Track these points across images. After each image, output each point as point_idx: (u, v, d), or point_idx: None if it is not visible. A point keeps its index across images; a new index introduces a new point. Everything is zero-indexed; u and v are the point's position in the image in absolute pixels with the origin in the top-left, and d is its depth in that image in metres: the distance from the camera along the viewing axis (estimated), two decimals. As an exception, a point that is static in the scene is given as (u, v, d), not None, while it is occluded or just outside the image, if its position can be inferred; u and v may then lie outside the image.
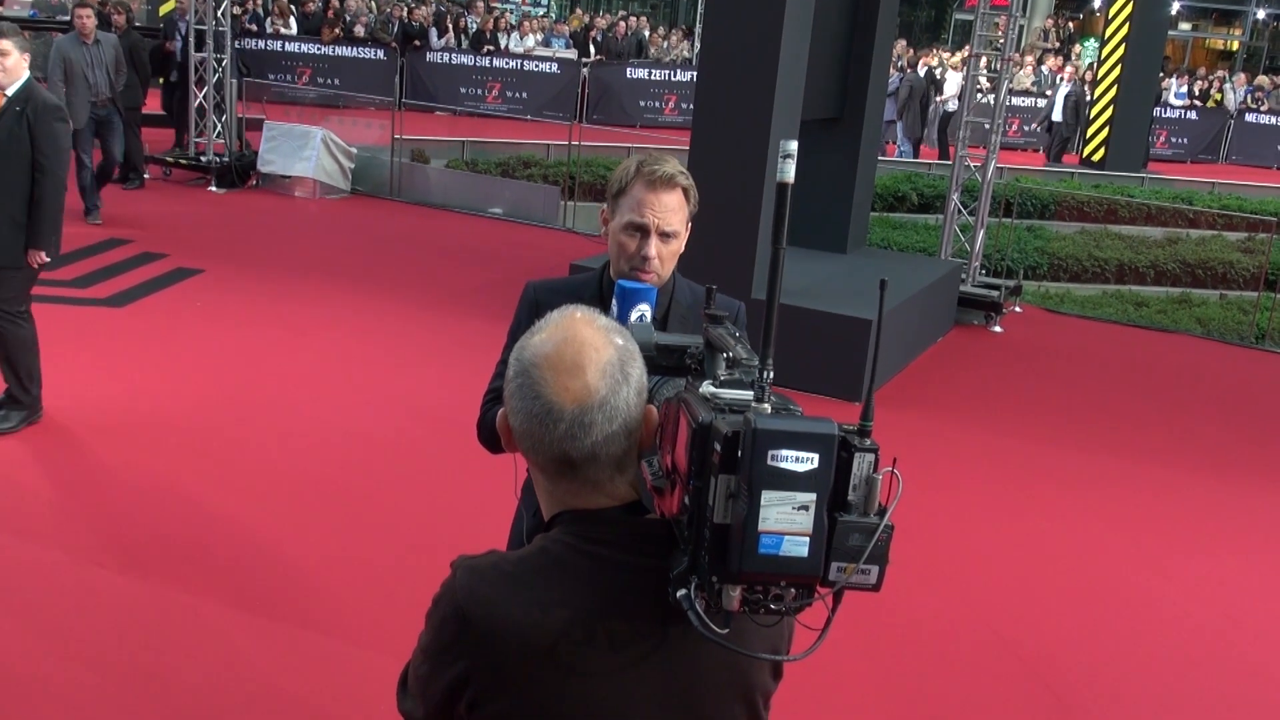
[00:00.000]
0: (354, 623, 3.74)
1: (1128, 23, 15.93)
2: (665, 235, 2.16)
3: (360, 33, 16.69)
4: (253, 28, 15.97)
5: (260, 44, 15.98)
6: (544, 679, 1.21)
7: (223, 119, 11.04)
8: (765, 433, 1.03)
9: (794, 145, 1.10)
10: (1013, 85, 13.07)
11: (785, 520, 1.03)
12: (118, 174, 9.76)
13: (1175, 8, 22.21)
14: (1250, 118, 19.80)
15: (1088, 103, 17.17)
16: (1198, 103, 19.91)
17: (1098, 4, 27.00)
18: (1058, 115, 16.64)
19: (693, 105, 7.07)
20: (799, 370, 5.97)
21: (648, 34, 19.78)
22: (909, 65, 16.55)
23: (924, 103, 16.31)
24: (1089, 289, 12.36)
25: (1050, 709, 3.71)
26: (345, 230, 9.88)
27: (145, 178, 10.50)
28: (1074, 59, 21.97)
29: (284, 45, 16.28)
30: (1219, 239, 13.77)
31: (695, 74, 10.80)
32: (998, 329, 8.52)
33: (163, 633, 3.60)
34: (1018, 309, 9.18)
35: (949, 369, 7.43)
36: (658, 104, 17.95)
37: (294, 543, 4.25)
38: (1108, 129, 16.37)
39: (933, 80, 16.54)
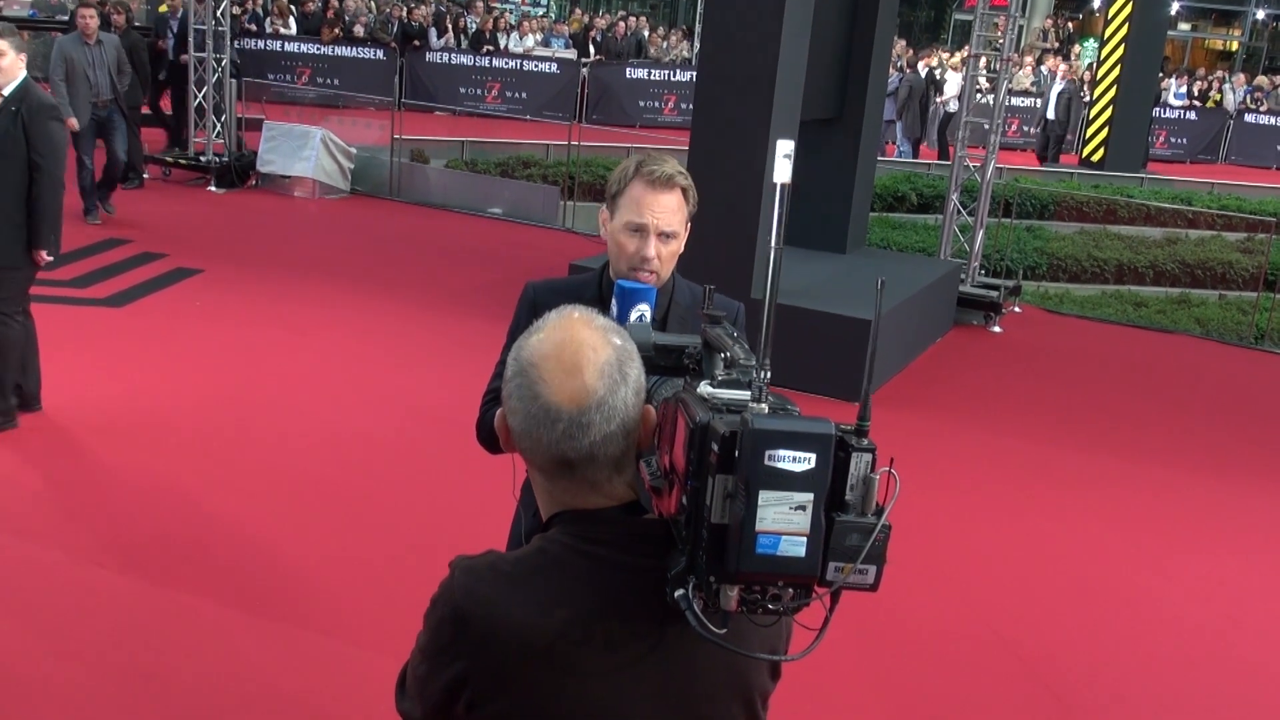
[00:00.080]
0: (353, 623, 3.74)
1: (1127, 23, 15.92)
2: (664, 235, 2.16)
3: (360, 33, 16.68)
4: (252, 28, 15.96)
5: (260, 44, 15.97)
6: (542, 679, 1.21)
7: (222, 119, 11.04)
8: (762, 433, 1.03)
9: (791, 145, 1.10)
10: (1012, 86, 13.07)
11: (782, 520, 1.03)
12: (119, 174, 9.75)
13: (1175, 8, 22.20)
14: (1249, 118, 19.79)
15: (1085, 102, 17.16)
16: (1197, 103, 19.90)
17: (1097, 4, 27.00)
18: (1051, 114, 16.62)
19: (692, 105, 7.07)
20: (798, 370, 5.97)
21: (647, 34, 19.77)
22: (909, 65, 16.53)
23: (924, 103, 16.30)
24: (1088, 289, 12.36)
25: (1050, 709, 3.71)
26: (345, 230, 9.88)
27: (145, 178, 10.50)
28: (1073, 59, 21.98)
29: (283, 45, 16.27)
30: (1218, 239, 13.77)
31: (694, 74, 10.81)
32: (997, 329, 8.53)
33: (162, 633, 3.60)
34: (1017, 309, 9.18)
35: (948, 369, 7.44)
36: (657, 104, 17.95)
37: (293, 543, 4.26)
38: (1107, 129, 16.36)
39: (933, 81, 16.53)
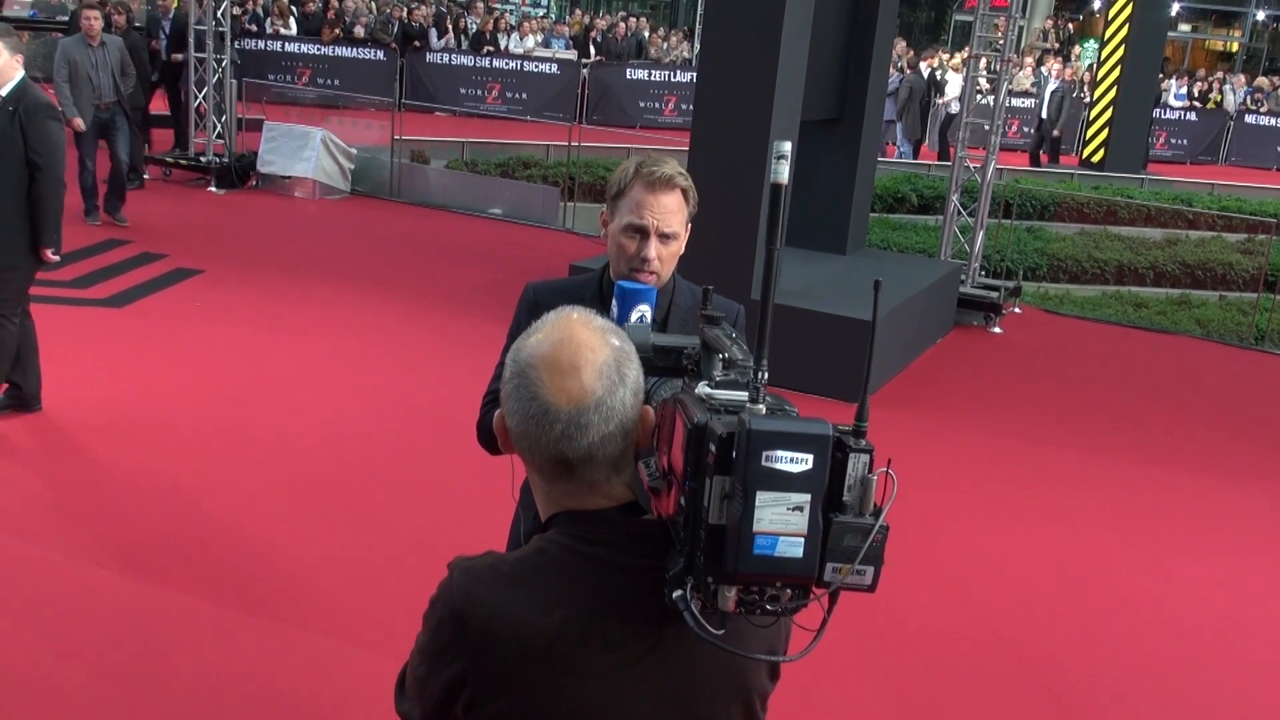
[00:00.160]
0: (353, 623, 3.74)
1: (1127, 24, 15.92)
2: (665, 237, 2.15)
3: (360, 33, 16.69)
4: (252, 28, 15.97)
5: (260, 44, 15.97)
6: (541, 680, 1.21)
7: (223, 119, 11.04)
8: (759, 433, 1.03)
9: (788, 146, 1.10)
10: (1012, 87, 13.06)
11: (780, 521, 1.03)
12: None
13: (1175, 9, 22.20)
14: (1250, 119, 19.80)
15: (1085, 103, 17.14)
16: (1197, 104, 19.90)
17: (1097, 5, 27.00)
18: (1045, 114, 16.58)
19: (692, 106, 7.07)
20: (798, 371, 5.97)
21: (647, 35, 19.78)
22: (909, 66, 16.52)
23: (924, 104, 16.29)
24: (1088, 290, 12.36)
25: (1050, 710, 3.71)
26: (345, 231, 9.88)
27: (145, 178, 10.50)
28: (1074, 59, 21.97)
29: (284, 46, 16.28)
30: (1218, 240, 13.77)
31: (695, 75, 10.81)
32: (997, 330, 8.53)
33: (162, 633, 3.60)
34: (1017, 310, 9.18)
35: (948, 370, 7.44)
36: (657, 105, 17.95)
37: (293, 543, 4.26)
38: (1107, 130, 16.37)
39: (934, 82, 16.51)
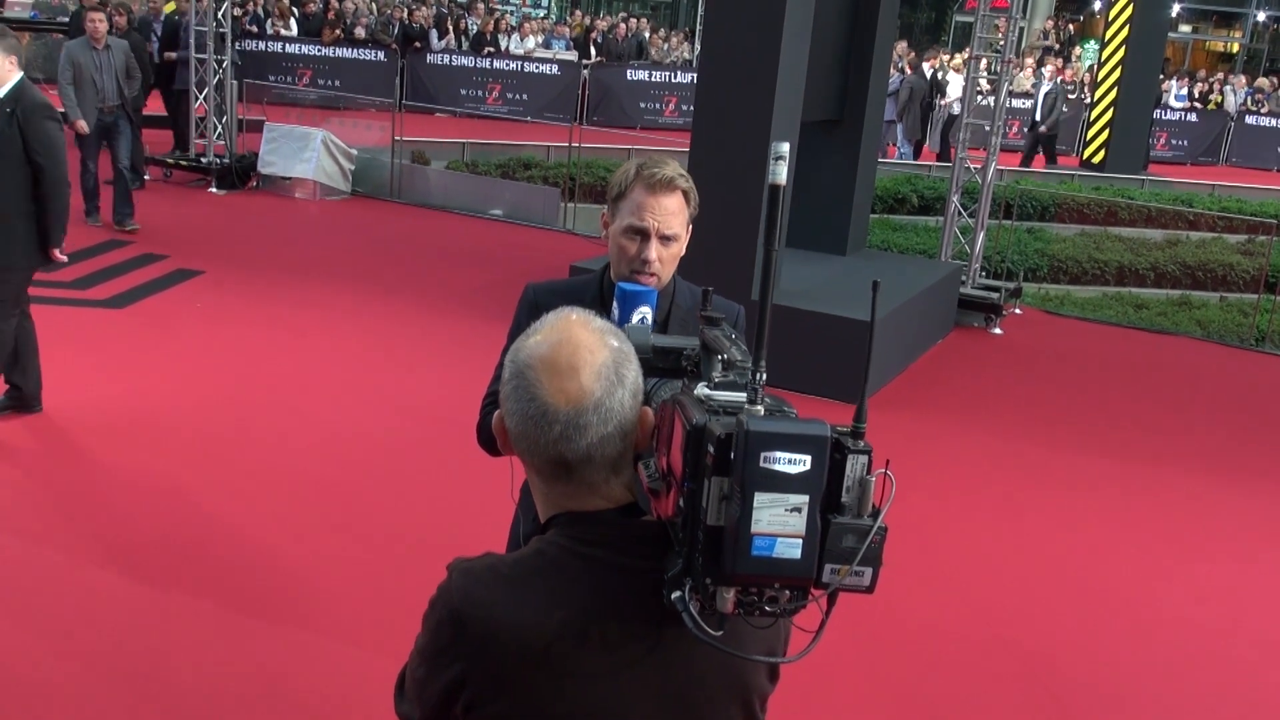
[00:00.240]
0: (353, 624, 3.74)
1: (1128, 25, 15.93)
2: (665, 239, 2.15)
3: (361, 34, 16.69)
4: (253, 29, 15.98)
5: (260, 45, 15.98)
6: (540, 681, 1.21)
7: (223, 120, 11.05)
8: (757, 434, 1.03)
9: (786, 147, 1.10)
10: (1013, 88, 13.04)
11: (778, 522, 1.03)
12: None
13: (1175, 10, 22.20)
14: (1250, 120, 19.80)
15: (1086, 104, 17.11)
16: (1198, 105, 19.90)
17: (1098, 6, 27.01)
18: (1038, 116, 16.53)
19: (693, 107, 7.07)
20: (798, 372, 5.97)
21: (648, 36, 19.79)
22: (910, 67, 16.52)
23: (924, 105, 16.28)
24: (1089, 291, 12.36)
25: (1050, 711, 3.71)
26: (345, 232, 9.88)
27: (145, 179, 10.50)
28: (1075, 60, 21.96)
29: (284, 47, 16.29)
30: (1219, 241, 13.77)
31: (695, 76, 10.81)
32: (998, 331, 8.53)
33: (162, 633, 3.60)
34: (1018, 311, 9.18)
35: (949, 371, 7.44)
36: (658, 106, 17.96)
37: (293, 543, 4.26)
38: (1108, 131, 16.37)
39: (936, 83, 16.49)
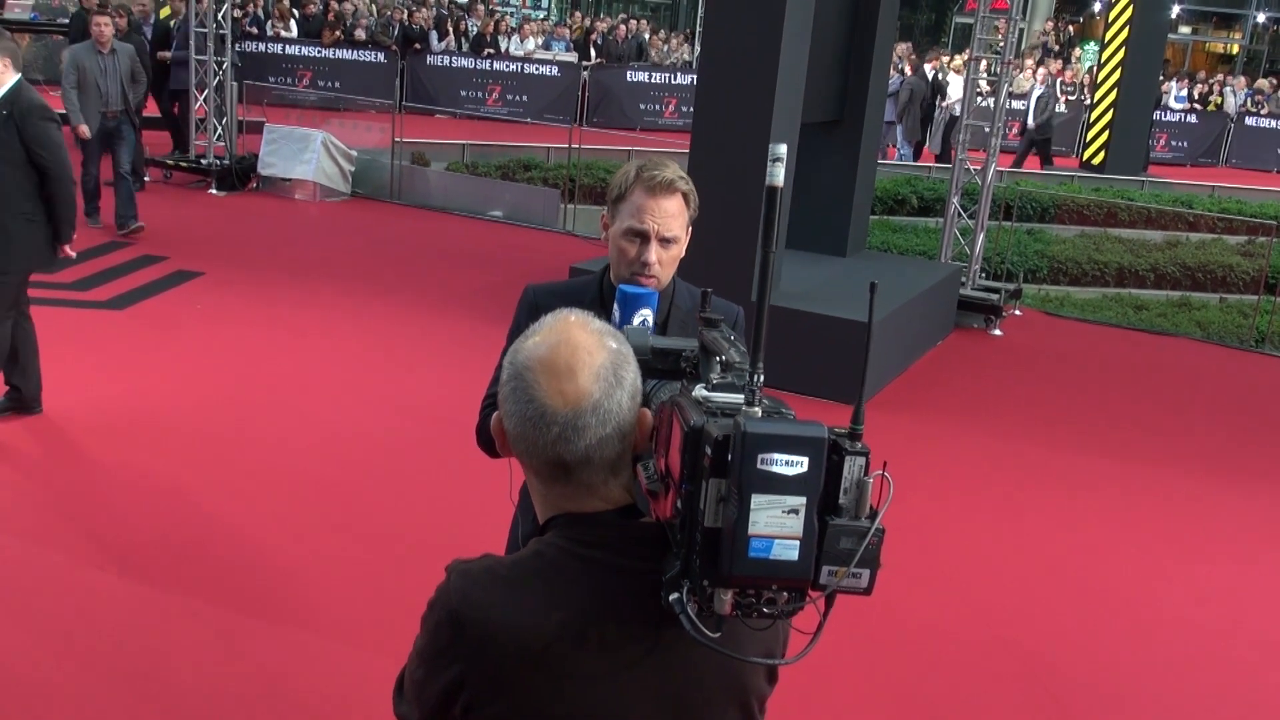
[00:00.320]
0: (353, 624, 3.74)
1: (1128, 26, 15.93)
2: (665, 241, 2.15)
3: (361, 36, 16.70)
4: (253, 30, 15.98)
5: (261, 47, 15.99)
6: (538, 682, 1.21)
7: (223, 122, 11.05)
8: (754, 436, 1.03)
9: (783, 149, 1.10)
10: (1012, 89, 13.03)
11: (775, 524, 1.03)
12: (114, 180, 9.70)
13: (1175, 11, 22.20)
14: (1250, 121, 19.80)
15: (1086, 105, 17.09)
16: (1198, 106, 19.90)
17: (1098, 7, 27.02)
18: (1030, 119, 16.46)
19: (693, 108, 7.07)
20: (798, 373, 5.98)
21: (648, 37, 19.80)
22: (910, 68, 16.51)
23: (924, 106, 16.26)
24: (1089, 292, 12.36)
25: (1050, 712, 3.71)
26: (345, 233, 9.88)
27: (146, 180, 10.50)
28: (1075, 62, 21.96)
29: (284, 48, 16.30)
30: (1219, 242, 13.76)
31: (695, 77, 10.82)
32: (997, 332, 8.53)
33: (162, 634, 3.60)
34: (1017, 312, 9.18)
35: (949, 372, 7.44)
36: (658, 107, 17.96)
37: (293, 544, 4.26)
38: (1108, 132, 16.37)
39: (937, 84, 16.46)
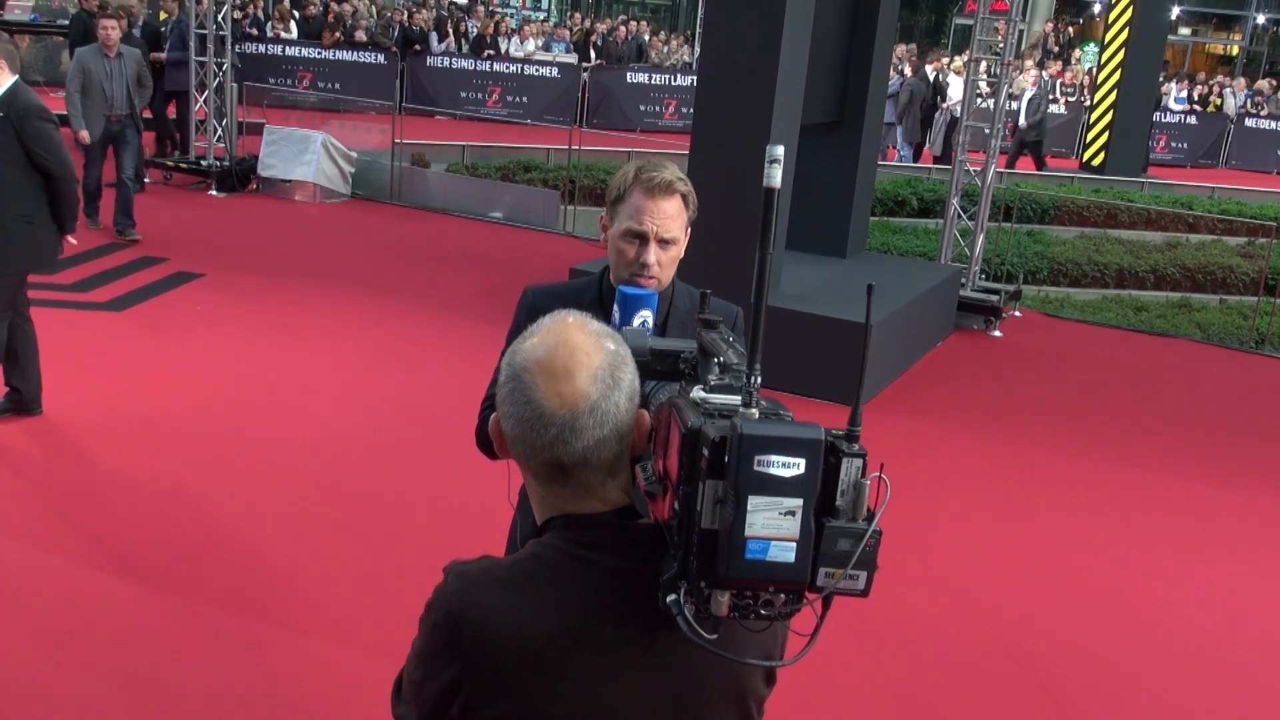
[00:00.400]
0: (353, 626, 3.74)
1: (1127, 27, 15.92)
2: (664, 242, 2.15)
3: (361, 37, 16.69)
4: (253, 32, 15.98)
5: (261, 48, 15.98)
6: (536, 683, 1.21)
7: (223, 123, 11.05)
8: (751, 438, 1.03)
9: (780, 150, 1.10)
10: (1012, 90, 13.01)
11: (772, 525, 1.03)
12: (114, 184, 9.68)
13: (1175, 12, 22.20)
14: (1250, 123, 19.79)
15: (1087, 108, 17.07)
16: (1197, 108, 19.90)
17: (1097, 9, 27.03)
18: (1023, 120, 16.39)
19: (693, 110, 7.07)
20: (798, 374, 5.98)
21: (648, 38, 19.79)
22: (910, 69, 16.50)
23: (924, 107, 16.25)
24: (1089, 293, 12.35)
25: (1049, 712, 3.71)
26: (345, 234, 9.88)
27: (146, 181, 10.50)
28: (1074, 63, 21.96)
29: (284, 49, 16.29)
30: (1219, 244, 13.75)
31: (695, 78, 10.82)
32: (997, 333, 8.52)
33: (162, 635, 3.60)
34: (1017, 313, 9.18)
35: (949, 373, 7.43)
36: (658, 108, 17.96)
37: (293, 546, 4.26)
38: (1107, 134, 16.36)
39: (938, 85, 16.43)
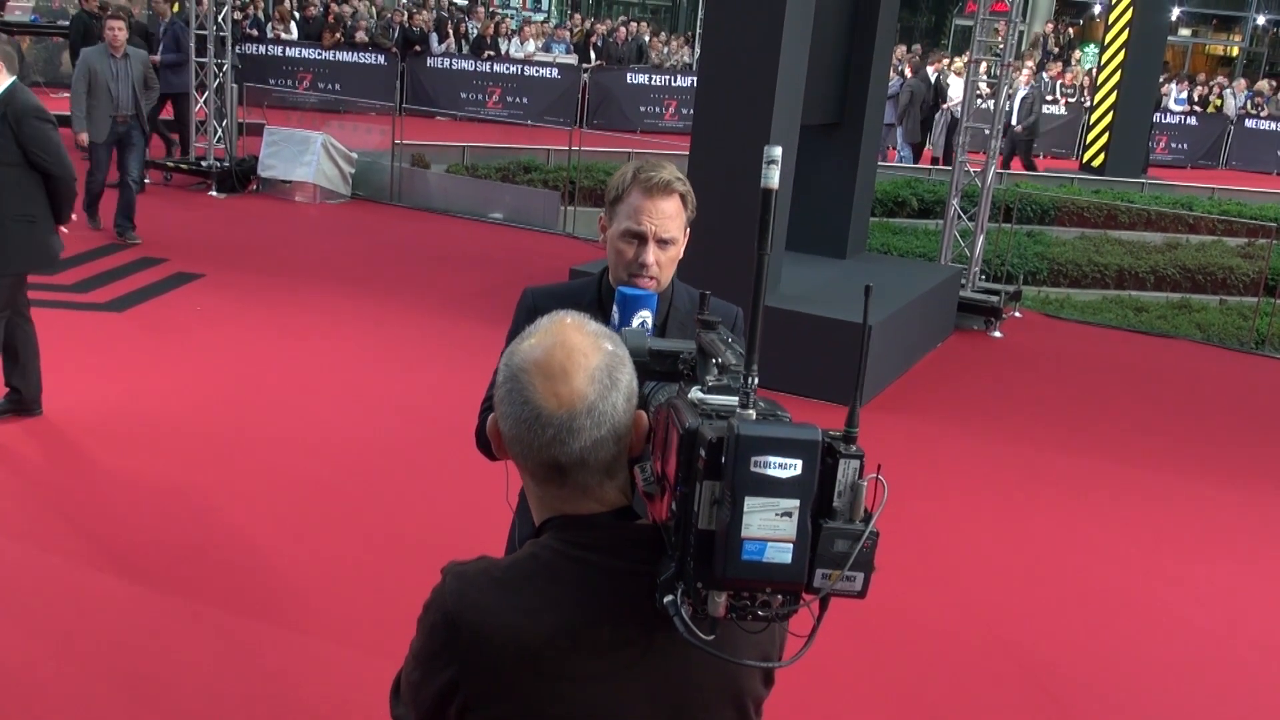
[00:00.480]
0: (352, 626, 3.74)
1: (1127, 28, 15.92)
2: (663, 242, 2.15)
3: (361, 38, 16.69)
4: (253, 33, 15.98)
5: (261, 49, 15.98)
6: (533, 684, 1.21)
7: (223, 124, 11.05)
8: (748, 439, 1.03)
9: (778, 151, 1.10)
10: (1013, 91, 13.01)
11: (768, 526, 1.03)
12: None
13: (1175, 13, 22.20)
14: (1250, 123, 19.78)
15: (1087, 109, 17.07)
16: (1197, 108, 19.89)
17: (1098, 10, 27.03)
18: (1015, 120, 16.33)
19: (693, 110, 7.07)
20: (797, 375, 5.98)
21: (648, 39, 19.79)
22: (910, 70, 16.49)
23: (924, 108, 16.24)
24: (1089, 294, 12.35)
25: (1050, 712, 3.71)
26: (345, 235, 9.89)
27: (146, 182, 10.49)
28: (1074, 64, 21.96)
29: (284, 50, 16.28)
30: (1219, 244, 13.75)
31: (695, 79, 10.82)
32: (997, 334, 8.52)
33: (162, 636, 3.60)
34: (1017, 314, 9.18)
35: (949, 374, 7.43)
36: (658, 109, 17.96)
37: (293, 545, 4.26)
38: (1108, 135, 16.36)
39: (940, 86, 16.42)
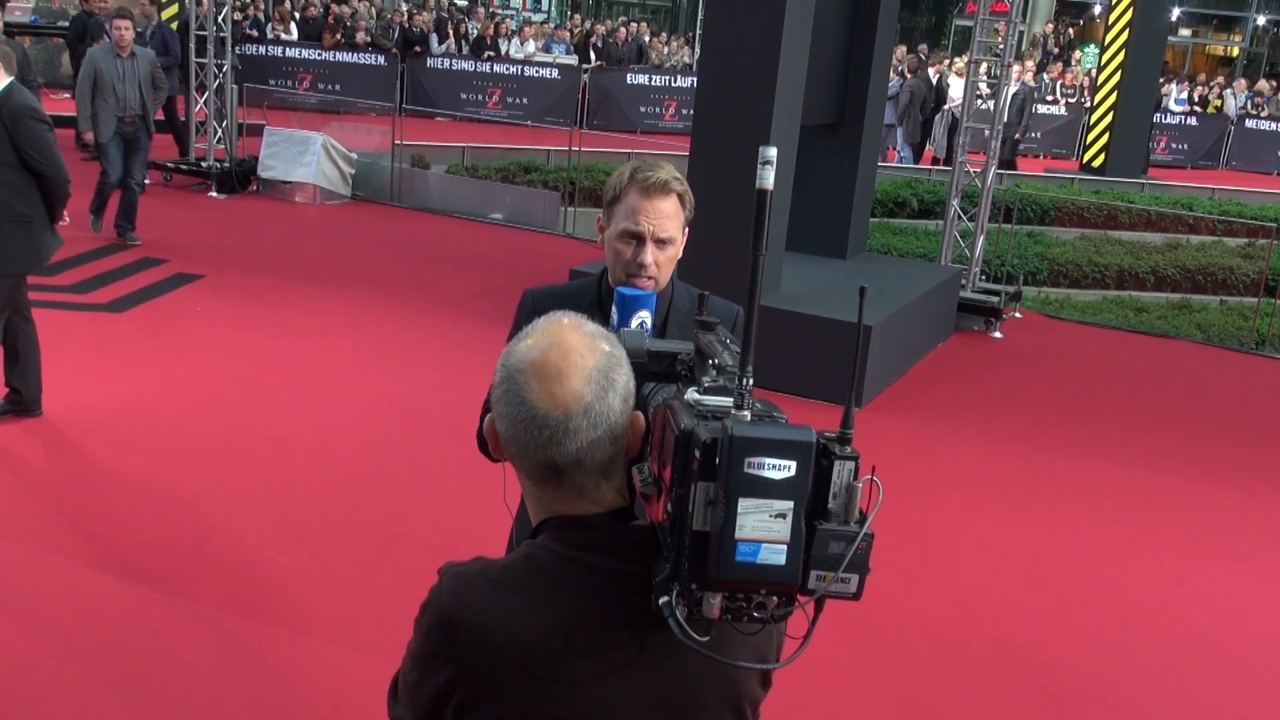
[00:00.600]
0: (352, 626, 3.74)
1: (1128, 29, 15.92)
2: (661, 242, 2.15)
3: (361, 39, 16.70)
4: (253, 33, 15.98)
5: (261, 49, 15.99)
6: (530, 685, 1.21)
7: (223, 124, 11.05)
8: (742, 440, 1.03)
9: (773, 152, 1.10)
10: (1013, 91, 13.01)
11: (762, 528, 1.03)
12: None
13: (1175, 14, 22.20)
14: (1250, 124, 19.78)
15: (1088, 109, 17.06)
16: (1198, 109, 19.89)
17: (1098, 10, 27.03)
18: (1005, 118, 16.24)
19: (693, 111, 7.07)
20: (797, 375, 5.98)
21: (648, 40, 19.79)
22: (910, 70, 16.49)
23: (924, 109, 16.23)
24: (1089, 294, 12.35)
25: (1049, 712, 3.71)
26: (345, 236, 9.89)
27: (146, 183, 10.48)
28: (1074, 64, 21.96)
29: (284, 51, 16.28)
30: (1219, 245, 13.75)
31: (695, 80, 10.82)
32: (998, 335, 8.52)
33: (161, 636, 3.60)
34: (1018, 315, 9.17)
35: (949, 375, 7.43)
36: (658, 110, 17.96)
37: (293, 546, 4.26)
38: (1108, 135, 16.37)
39: (940, 86, 16.41)
